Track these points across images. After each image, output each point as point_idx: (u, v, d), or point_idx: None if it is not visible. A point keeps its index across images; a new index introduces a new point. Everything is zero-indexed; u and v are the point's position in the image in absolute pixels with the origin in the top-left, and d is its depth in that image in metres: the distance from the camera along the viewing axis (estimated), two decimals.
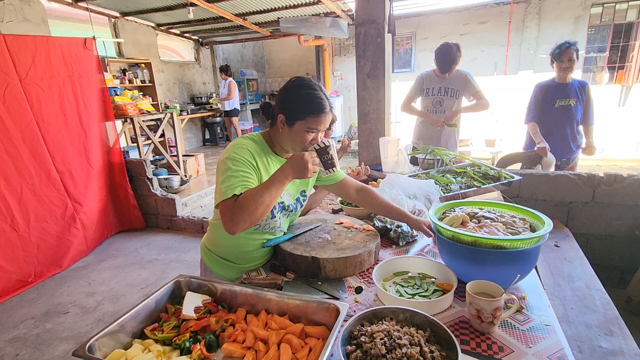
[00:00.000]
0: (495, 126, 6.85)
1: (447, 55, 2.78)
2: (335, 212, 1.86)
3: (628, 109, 6.61)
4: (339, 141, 3.04)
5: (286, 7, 6.41)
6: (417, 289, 1.08)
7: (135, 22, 6.69)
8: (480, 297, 0.91)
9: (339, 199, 1.87)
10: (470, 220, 1.19)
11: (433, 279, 1.14)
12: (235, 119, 7.67)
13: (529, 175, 2.56)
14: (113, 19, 6.28)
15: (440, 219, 1.22)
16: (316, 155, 1.14)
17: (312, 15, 6.83)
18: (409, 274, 1.18)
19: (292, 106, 1.18)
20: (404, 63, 8.42)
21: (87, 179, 3.54)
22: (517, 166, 2.97)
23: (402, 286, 1.10)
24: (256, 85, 10.12)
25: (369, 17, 2.60)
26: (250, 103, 9.61)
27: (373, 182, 2.22)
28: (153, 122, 5.85)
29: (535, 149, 2.73)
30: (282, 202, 1.30)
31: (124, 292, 2.86)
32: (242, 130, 8.68)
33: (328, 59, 8.88)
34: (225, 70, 7.24)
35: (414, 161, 2.60)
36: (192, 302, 1.00)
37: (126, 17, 6.43)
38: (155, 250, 3.57)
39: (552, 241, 2.23)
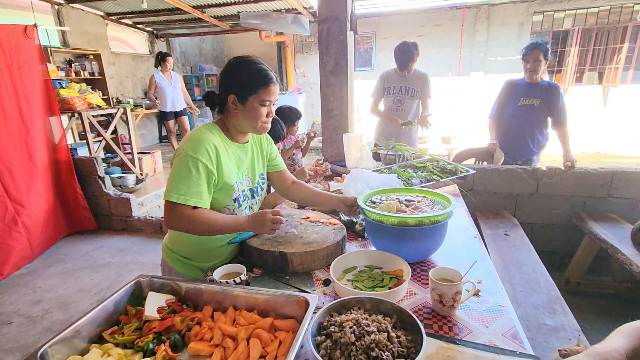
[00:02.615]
0: (450, 124, 7.21)
1: (405, 53, 2.88)
2: (300, 207, 1.86)
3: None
4: (306, 134, 3.04)
5: (246, 2, 6.28)
6: (373, 281, 1.10)
7: (82, 10, 6.22)
8: (442, 282, 0.96)
9: None
10: (406, 206, 1.32)
11: (381, 268, 1.18)
12: (186, 119, 6.13)
13: (482, 169, 2.73)
14: (56, 6, 5.80)
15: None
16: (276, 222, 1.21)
17: (274, 10, 6.75)
18: (358, 269, 1.20)
19: (240, 83, 1.18)
20: (364, 62, 8.60)
21: (29, 179, 3.26)
22: (471, 161, 3.15)
23: (357, 281, 1.12)
24: (216, 81, 9.84)
25: (331, 14, 2.62)
26: None
27: (338, 177, 2.25)
28: (104, 118, 5.51)
29: (487, 145, 2.90)
30: (243, 191, 1.31)
31: (75, 299, 2.67)
32: None
33: (290, 56, 8.83)
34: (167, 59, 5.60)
35: (376, 157, 2.67)
36: (154, 303, 0.96)
37: (71, 5, 5.96)
38: (109, 253, 3.36)
39: (502, 230, 2.40)
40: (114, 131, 5.63)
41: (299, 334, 0.80)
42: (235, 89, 1.19)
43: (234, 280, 1.03)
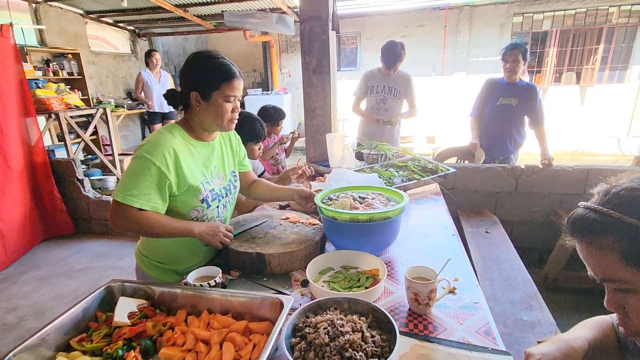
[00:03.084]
0: (435, 124, 7.30)
1: (392, 52, 2.90)
2: (282, 208, 1.85)
3: (545, 109, 7.42)
4: (291, 132, 3.02)
5: (230, 1, 6.22)
6: (349, 281, 1.10)
7: (61, 8, 6.05)
8: (417, 281, 0.96)
9: None
10: (361, 203, 1.34)
11: (357, 268, 1.18)
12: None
13: (463, 168, 2.77)
14: (34, 4, 5.62)
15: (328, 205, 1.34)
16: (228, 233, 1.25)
17: (258, 10, 6.70)
18: (334, 270, 1.19)
19: (202, 79, 1.15)
20: (349, 62, 8.62)
21: (4, 182, 3.15)
22: (453, 160, 3.19)
23: (333, 282, 1.11)
24: None
25: (313, 13, 2.62)
26: None
27: (320, 177, 2.25)
28: (84, 119, 5.38)
29: (467, 144, 2.95)
30: (213, 190, 1.28)
31: (51, 306, 2.59)
32: None
33: (275, 56, 8.79)
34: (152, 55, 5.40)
35: (359, 156, 2.67)
36: (125, 308, 0.93)
37: (49, 3, 5.79)
38: (87, 258, 3.27)
39: (483, 228, 2.43)
40: (95, 132, 5.50)
41: (271, 337, 0.79)
42: (197, 86, 1.15)
43: (209, 283, 1.01)
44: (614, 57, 7.16)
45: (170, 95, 1.23)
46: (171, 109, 6.01)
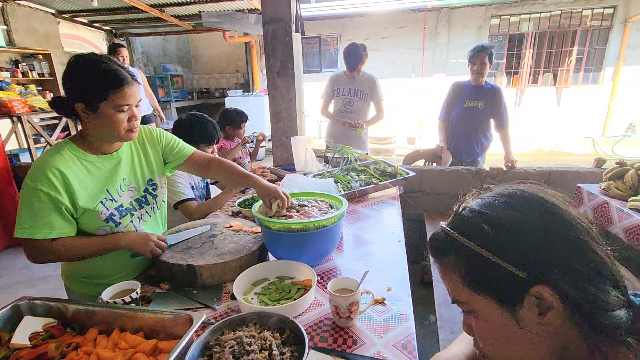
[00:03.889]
0: (415, 125, 7.33)
1: (354, 54, 2.89)
2: (234, 214, 1.81)
3: (522, 110, 7.54)
4: (254, 133, 2.98)
5: (207, 1, 6.14)
6: (280, 293, 1.07)
7: (30, 7, 5.89)
8: (340, 293, 0.94)
9: (237, 201, 1.82)
10: (297, 211, 1.31)
11: (292, 279, 1.15)
12: (153, 126, 5.72)
13: (428, 171, 2.76)
14: (1, 3, 5.45)
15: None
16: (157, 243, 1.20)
17: (236, 10, 6.64)
18: (268, 281, 1.15)
19: (86, 89, 1.01)
20: (331, 63, 8.62)
21: None
22: (421, 162, 3.19)
23: (264, 294, 1.07)
24: (181, 82, 9.58)
25: (275, 15, 2.59)
26: (175, 101, 9.07)
27: (279, 182, 2.21)
28: (56, 121, 5.24)
29: (434, 146, 2.95)
30: (121, 206, 1.19)
31: None
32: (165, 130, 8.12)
33: (256, 57, 8.73)
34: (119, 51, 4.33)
35: (328, 159, 2.65)
36: (29, 328, 0.89)
37: (18, 1, 5.62)
38: (50, 266, 3.13)
39: None
40: (68, 135, 5.37)
41: (169, 356, 0.75)
42: (81, 96, 1.02)
43: (123, 300, 0.97)
44: (588, 58, 7.30)
45: (57, 105, 1.09)
46: (147, 110, 5.89)
